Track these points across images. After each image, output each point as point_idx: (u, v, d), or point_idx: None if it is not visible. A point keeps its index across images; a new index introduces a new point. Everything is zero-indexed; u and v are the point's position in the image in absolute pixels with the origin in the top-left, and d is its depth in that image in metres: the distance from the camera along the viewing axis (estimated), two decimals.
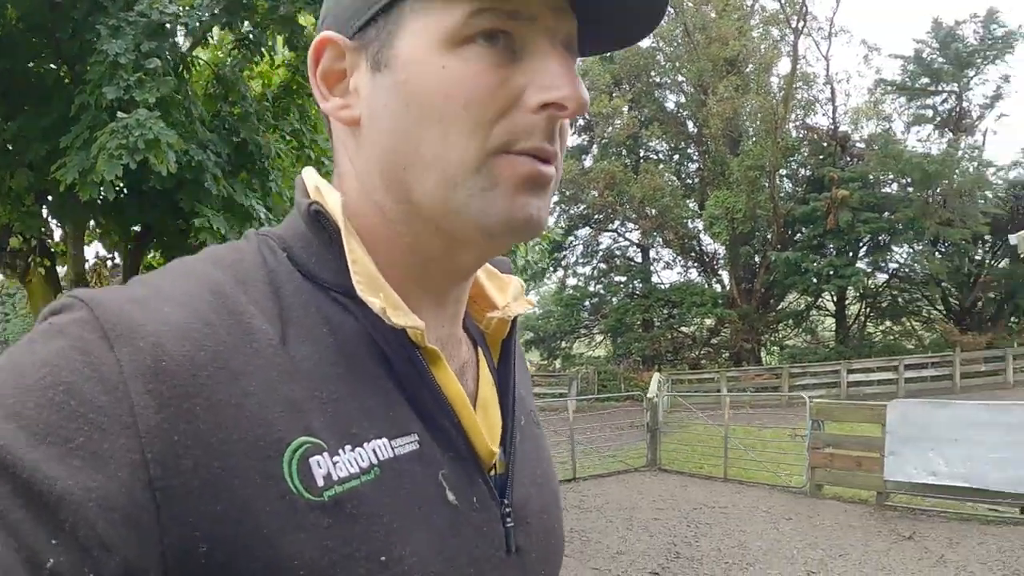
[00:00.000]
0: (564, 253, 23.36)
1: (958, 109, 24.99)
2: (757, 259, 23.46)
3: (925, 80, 24.81)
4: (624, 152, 23.57)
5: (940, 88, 24.92)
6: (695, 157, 24.76)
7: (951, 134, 24.85)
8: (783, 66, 24.64)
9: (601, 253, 25.07)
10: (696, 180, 24.32)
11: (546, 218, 0.53)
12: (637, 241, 24.48)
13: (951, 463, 7.08)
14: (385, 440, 0.48)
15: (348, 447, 0.46)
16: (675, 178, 24.19)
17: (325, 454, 0.44)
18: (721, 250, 23.26)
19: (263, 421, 0.43)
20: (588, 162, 23.49)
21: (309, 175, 0.59)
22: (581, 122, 23.69)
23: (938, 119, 25.48)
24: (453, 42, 0.49)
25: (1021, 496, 6.75)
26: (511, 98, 0.50)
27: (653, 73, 23.90)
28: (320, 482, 0.44)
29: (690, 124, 23.96)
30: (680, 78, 23.71)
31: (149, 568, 0.38)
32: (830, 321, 26.57)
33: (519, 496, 0.58)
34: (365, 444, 0.47)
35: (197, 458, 0.40)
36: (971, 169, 23.02)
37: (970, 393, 18.66)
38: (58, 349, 0.40)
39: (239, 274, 0.49)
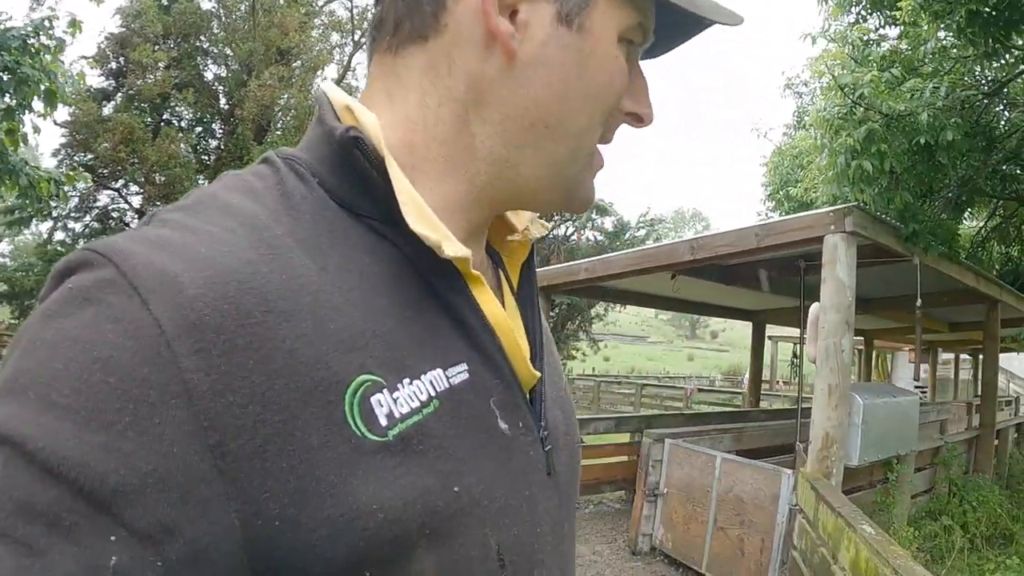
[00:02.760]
0: (57, 203, 22.68)
1: None
2: None
3: None
4: (149, 110, 23.69)
5: None
6: (219, 134, 25.56)
7: None
8: (331, 72, 27.56)
9: (97, 211, 24.57)
10: (213, 158, 25.03)
11: None
12: (138, 207, 24.36)
13: None
14: (440, 371, 0.52)
15: (406, 381, 0.50)
16: (192, 151, 24.74)
17: (385, 391, 0.48)
18: None
19: (319, 364, 0.45)
20: (108, 110, 23.13)
21: (333, 91, 0.61)
22: (114, 66, 23.46)
23: None
24: (620, 38, 0.62)
25: None
26: (622, 94, 0.64)
27: (204, 38, 24.72)
28: (384, 421, 0.47)
29: (223, 100, 24.91)
30: (229, 52, 24.83)
31: (220, 542, 0.40)
32: None
33: (552, 419, 0.66)
34: (422, 376, 0.51)
35: (256, 415, 0.41)
36: None
37: None
38: (86, 320, 0.40)
39: (270, 204, 0.51)
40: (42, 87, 6.38)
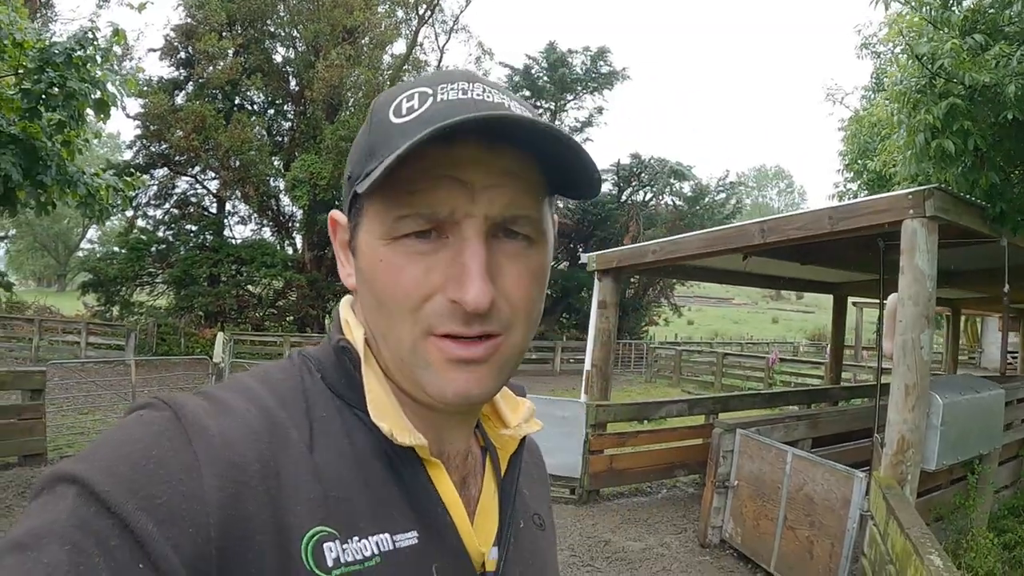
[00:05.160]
0: (137, 192, 23.59)
1: None
2: None
3: (527, 93, 29.96)
4: (220, 97, 24.16)
5: (539, 104, 30.18)
6: (291, 116, 26.00)
7: None
8: (398, 47, 27.61)
9: (176, 198, 25.31)
10: (287, 140, 25.55)
11: (491, 385, 0.71)
12: (216, 191, 25.13)
13: None
14: (387, 535, 0.66)
15: (356, 538, 0.64)
16: (266, 133, 25.16)
17: (336, 541, 0.63)
18: (299, 213, 24.83)
19: (290, 511, 0.61)
20: (181, 99, 23.70)
21: (344, 308, 0.80)
22: (183, 56, 23.98)
23: None
24: (388, 238, 0.68)
25: (570, 479, 8.43)
26: (434, 286, 0.67)
27: (270, 22, 25.02)
28: (330, 563, 0.61)
29: (293, 82, 25.28)
30: (295, 34, 25.09)
31: None
32: None
33: None
34: (370, 537, 0.65)
35: (245, 530, 0.58)
36: None
37: (520, 378, 24.20)
38: (149, 433, 0.60)
39: (282, 393, 0.69)
40: (92, 97, 6.52)
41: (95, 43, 6.43)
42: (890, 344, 5.20)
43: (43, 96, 6.20)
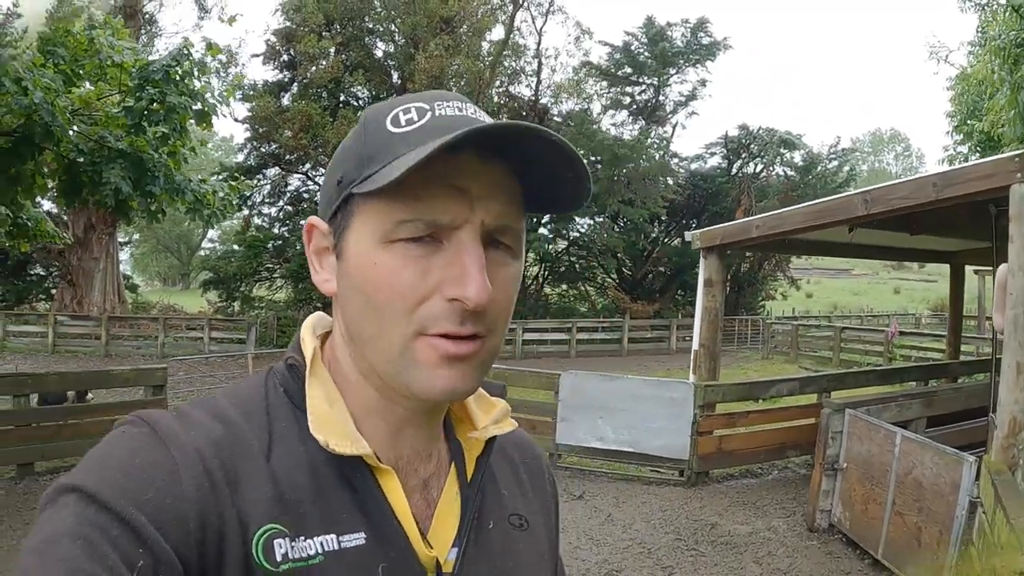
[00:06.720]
0: (251, 192, 24.55)
1: (654, 101, 30.23)
2: None
3: (629, 70, 29.72)
4: (324, 95, 24.81)
5: (641, 80, 29.91)
6: None
7: (644, 122, 30.09)
8: (496, 33, 27.71)
9: (289, 195, 26.26)
10: None
11: (473, 382, 0.75)
12: None
13: (617, 430, 8.49)
14: (334, 535, 0.72)
15: (303, 537, 0.70)
16: None
17: (286, 538, 0.69)
18: None
19: (247, 510, 0.69)
20: (287, 101, 24.55)
21: (307, 325, 0.87)
22: (285, 58, 24.85)
23: (634, 107, 30.53)
24: (384, 241, 0.71)
25: (679, 461, 8.36)
26: (430, 288, 0.71)
27: (367, 19, 25.58)
28: (279, 558, 0.68)
29: (395, 75, 25.76)
30: (393, 28, 25.59)
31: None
32: None
33: None
34: (315, 536, 0.71)
35: (216, 524, 0.66)
36: (657, 157, 28.20)
37: (637, 356, 22.95)
38: (133, 445, 0.69)
39: (246, 407, 0.77)
40: (192, 109, 6.88)
41: (190, 58, 6.77)
42: (1001, 318, 4.88)
43: (145, 112, 6.58)
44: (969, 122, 9.76)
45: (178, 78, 6.58)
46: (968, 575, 4.01)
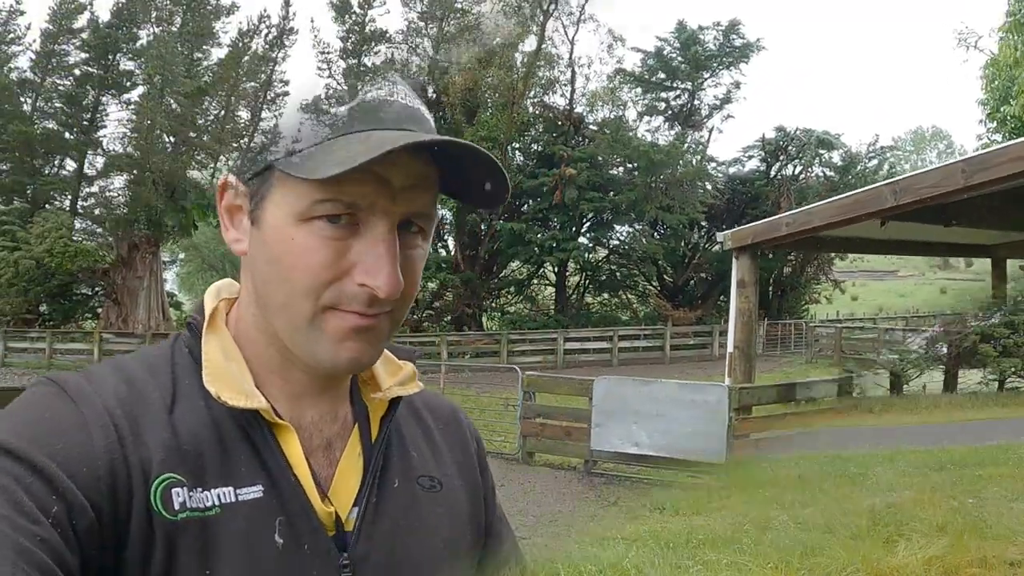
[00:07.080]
0: None
1: (689, 105, 30.34)
2: (483, 227, 26.51)
3: (662, 75, 29.85)
4: None
5: (675, 85, 30.03)
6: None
7: (680, 128, 30.08)
8: (528, 44, 27.65)
9: None
10: None
11: (377, 352, 0.81)
12: None
13: (652, 435, 8.46)
14: (231, 488, 0.75)
15: (200, 488, 0.73)
16: None
17: (184, 488, 0.72)
18: (448, 216, 25.62)
19: (148, 457, 0.72)
20: None
21: (211, 288, 0.90)
22: None
23: (669, 112, 30.58)
24: (302, 218, 0.73)
25: (715, 466, 8.19)
26: (343, 269, 0.74)
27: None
28: (176, 507, 0.71)
29: (430, 89, 25.73)
30: (426, 43, 25.99)
31: (104, 522, 0.68)
32: (551, 290, 30.74)
33: (361, 551, 0.81)
34: (213, 488, 0.74)
35: (120, 472, 0.70)
36: (694, 162, 28.27)
37: (679, 364, 22.83)
38: (43, 403, 0.73)
39: (152, 364, 0.81)
40: None
41: None
42: None
43: None
44: (1002, 109, 9.59)
45: None
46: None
